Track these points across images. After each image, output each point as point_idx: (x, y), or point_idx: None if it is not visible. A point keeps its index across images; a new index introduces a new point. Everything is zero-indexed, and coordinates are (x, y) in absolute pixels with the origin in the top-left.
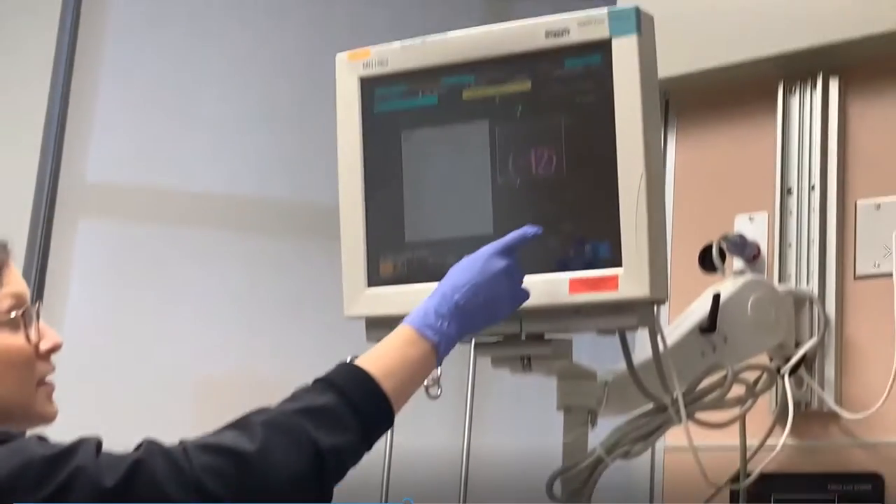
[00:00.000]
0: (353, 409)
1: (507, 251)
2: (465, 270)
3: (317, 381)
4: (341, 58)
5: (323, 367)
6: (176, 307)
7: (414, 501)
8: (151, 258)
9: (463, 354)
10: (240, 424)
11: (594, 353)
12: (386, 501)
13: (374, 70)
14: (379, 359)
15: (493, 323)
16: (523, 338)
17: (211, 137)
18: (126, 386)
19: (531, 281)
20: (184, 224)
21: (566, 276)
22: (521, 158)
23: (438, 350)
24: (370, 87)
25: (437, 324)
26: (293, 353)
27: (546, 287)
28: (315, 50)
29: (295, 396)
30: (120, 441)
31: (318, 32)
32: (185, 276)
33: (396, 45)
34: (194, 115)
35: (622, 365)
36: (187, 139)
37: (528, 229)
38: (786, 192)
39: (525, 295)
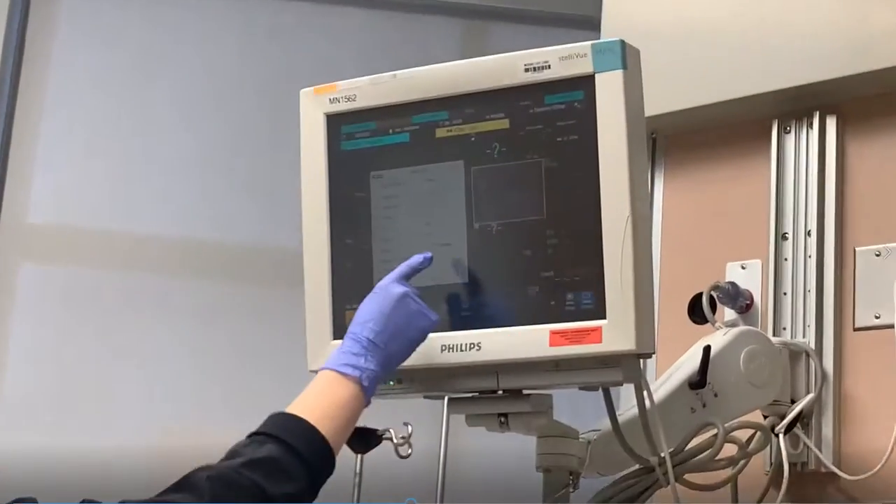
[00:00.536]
0: (296, 457)
1: (401, 279)
2: (367, 306)
3: (253, 435)
4: (306, 93)
5: None
6: (123, 359)
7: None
8: (98, 306)
9: (435, 413)
10: (184, 485)
11: (575, 409)
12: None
13: (342, 106)
14: (309, 405)
15: (412, 349)
16: (500, 393)
17: (162, 177)
18: (69, 443)
19: (510, 332)
20: (132, 269)
21: (546, 328)
22: (498, 201)
23: (363, 385)
24: (337, 123)
25: (355, 361)
26: (251, 410)
27: (525, 339)
28: (277, 85)
29: (234, 452)
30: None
31: (280, 67)
32: (133, 326)
33: (365, 79)
34: (144, 153)
35: (606, 422)
36: (136, 178)
37: (416, 258)
38: (780, 237)
39: (435, 317)
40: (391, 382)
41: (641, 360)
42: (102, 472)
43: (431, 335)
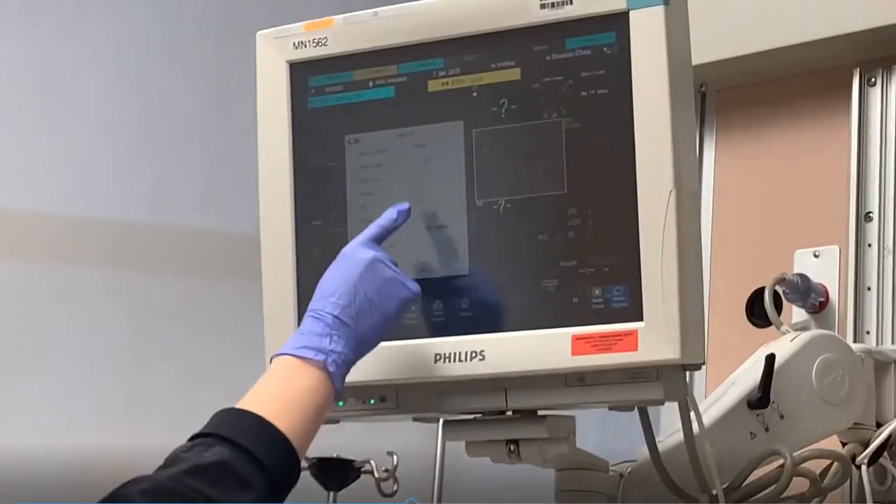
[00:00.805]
0: (252, 460)
1: (370, 242)
2: (329, 276)
3: (196, 437)
4: (264, 37)
5: None
6: (45, 362)
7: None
8: (15, 301)
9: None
10: (113, 502)
11: (604, 434)
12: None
13: (309, 52)
14: (263, 398)
15: (389, 327)
16: (509, 414)
17: (89, 149)
18: None
19: (522, 336)
20: (56, 258)
21: (567, 332)
22: (506, 172)
23: (330, 371)
24: (303, 74)
25: (318, 342)
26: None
27: (540, 347)
28: (228, 28)
29: (174, 459)
30: None
31: (230, 7)
32: (57, 324)
33: (339, 18)
34: (70, 122)
35: (643, 451)
36: (62, 153)
37: (389, 212)
38: (863, 218)
39: (414, 287)
40: (371, 401)
41: (688, 373)
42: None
43: (423, 341)
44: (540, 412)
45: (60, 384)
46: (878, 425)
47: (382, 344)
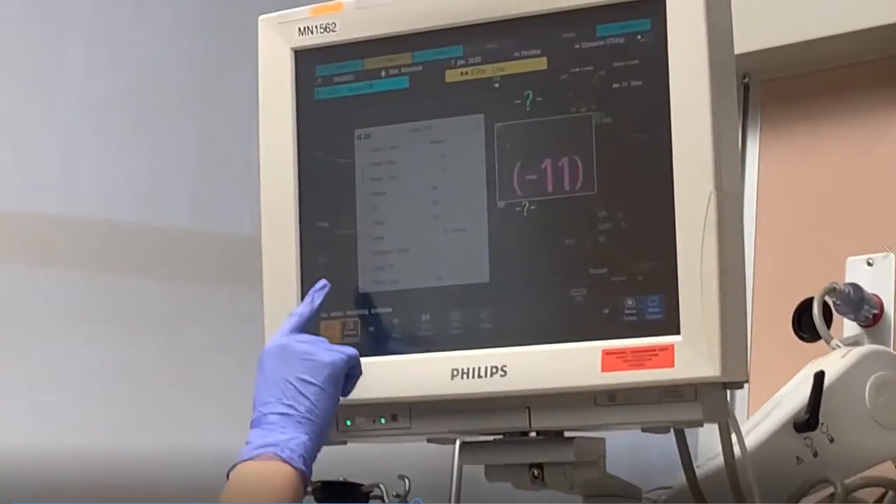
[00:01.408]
0: None
1: (287, 333)
2: (257, 385)
3: None
4: (267, 21)
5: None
6: (19, 372)
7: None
8: None
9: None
10: None
11: (637, 459)
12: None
13: (316, 38)
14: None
15: (335, 394)
16: (533, 436)
17: (72, 139)
18: None
19: (547, 351)
20: (35, 260)
21: (597, 346)
22: (530, 171)
23: (291, 460)
24: (309, 63)
25: (268, 440)
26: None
27: (567, 362)
28: (226, 11)
29: None
30: None
31: None
32: (38, 327)
33: (349, 2)
34: (51, 109)
35: (679, 477)
36: (34, 139)
37: (309, 294)
38: None
39: (341, 350)
40: (382, 420)
41: (729, 392)
42: None
43: (439, 355)
44: (567, 434)
45: (43, 388)
46: None
47: (394, 358)
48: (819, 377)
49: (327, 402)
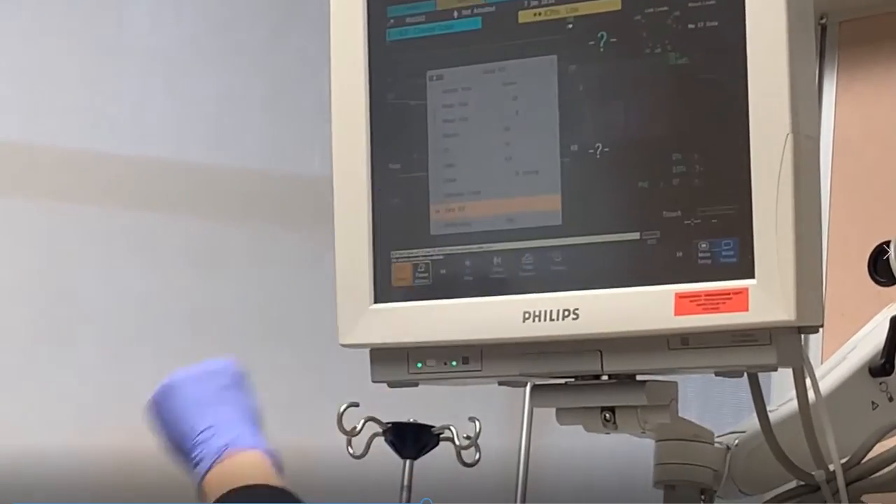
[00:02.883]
0: None
1: None
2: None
3: None
4: None
5: (304, 415)
6: (85, 319)
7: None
8: (67, 244)
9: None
10: None
11: (707, 403)
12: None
13: None
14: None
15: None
16: (604, 379)
17: (140, 80)
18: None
19: (620, 294)
20: (98, 202)
21: (670, 290)
22: (604, 113)
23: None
24: (381, 3)
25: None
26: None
27: (640, 305)
28: None
29: None
30: None
31: None
32: (110, 272)
33: None
34: (114, 47)
35: (752, 422)
36: (107, 82)
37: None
38: None
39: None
40: (453, 363)
41: (804, 336)
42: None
43: (510, 298)
44: (639, 377)
45: (118, 333)
46: None
47: (466, 300)
48: (895, 322)
49: (238, 395)
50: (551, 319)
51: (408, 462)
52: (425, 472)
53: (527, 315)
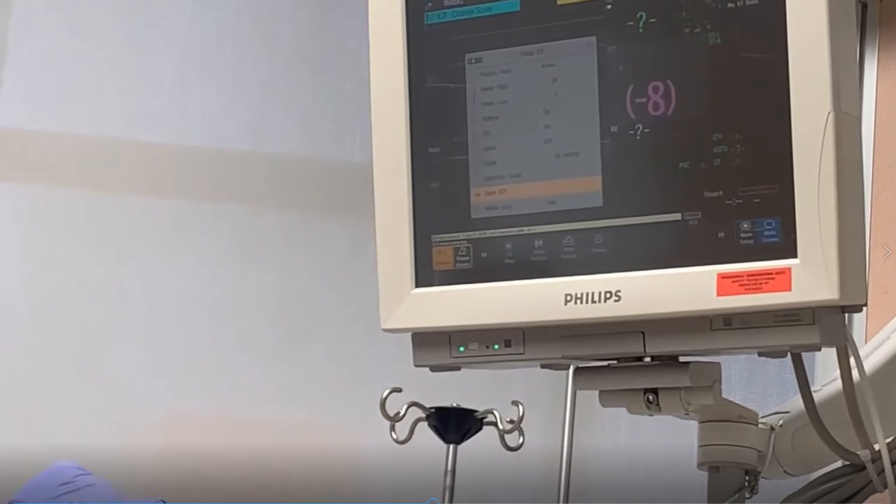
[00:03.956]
0: None
1: None
2: None
3: None
4: None
5: (344, 401)
6: (125, 308)
7: None
8: (91, 236)
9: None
10: None
11: (751, 384)
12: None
13: None
14: None
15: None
16: (647, 361)
17: (180, 68)
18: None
19: (662, 275)
20: (137, 189)
21: (713, 270)
22: (644, 94)
23: None
24: None
25: None
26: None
27: (682, 286)
28: None
29: None
30: None
31: None
32: (148, 259)
33: None
34: (153, 37)
35: (796, 402)
36: (147, 70)
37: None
38: None
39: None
40: (496, 346)
41: (847, 315)
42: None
43: (552, 280)
44: (682, 358)
45: (156, 320)
46: None
47: (507, 283)
48: None
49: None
50: (593, 301)
51: (451, 447)
52: (468, 457)
53: (569, 297)
